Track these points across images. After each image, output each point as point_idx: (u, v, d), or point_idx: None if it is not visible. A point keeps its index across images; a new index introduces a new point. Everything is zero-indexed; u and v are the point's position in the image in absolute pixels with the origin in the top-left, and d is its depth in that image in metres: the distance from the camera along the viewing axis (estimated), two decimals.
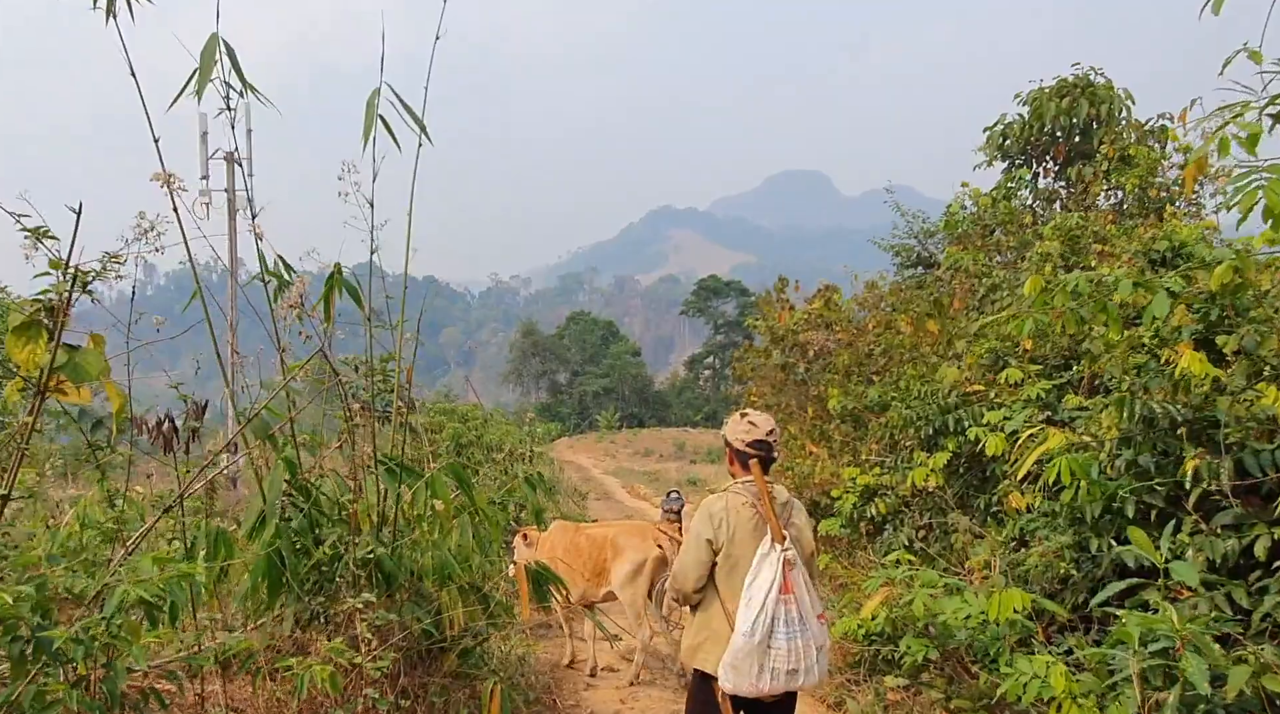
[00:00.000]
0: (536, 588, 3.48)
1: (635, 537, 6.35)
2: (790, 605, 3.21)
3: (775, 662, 3.19)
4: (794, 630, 3.21)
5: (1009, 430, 5.44)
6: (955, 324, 7.96)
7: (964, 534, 5.86)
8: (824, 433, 10.01)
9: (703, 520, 3.37)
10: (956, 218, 10.13)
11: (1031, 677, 3.42)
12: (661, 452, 44.11)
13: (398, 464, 3.27)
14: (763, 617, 3.16)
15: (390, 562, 3.13)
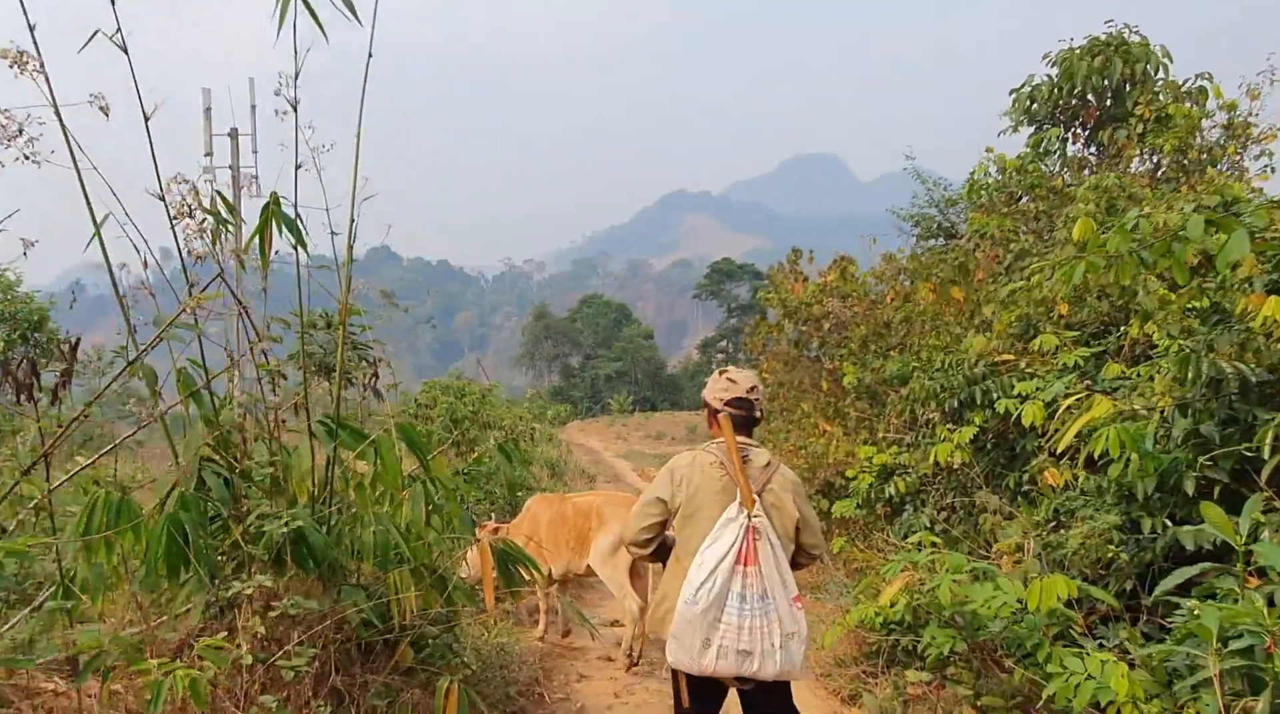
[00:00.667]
0: (504, 570, 3.01)
1: (621, 508, 5.91)
2: (751, 578, 2.87)
3: (724, 638, 2.85)
4: (751, 606, 2.86)
5: (1048, 399, 4.91)
6: (982, 290, 7.41)
7: (993, 515, 5.34)
8: (838, 410, 9.50)
9: (663, 476, 3.13)
10: (980, 184, 9.54)
11: (1084, 677, 2.92)
12: (673, 435, 43.63)
13: (338, 423, 2.80)
14: (710, 584, 2.84)
15: (318, 538, 2.67)
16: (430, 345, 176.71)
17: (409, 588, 2.74)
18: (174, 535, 2.44)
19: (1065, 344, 5.75)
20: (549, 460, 14.25)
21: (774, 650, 2.87)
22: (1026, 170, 9.55)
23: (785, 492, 3.11)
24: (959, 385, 6.19)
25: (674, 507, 3.03)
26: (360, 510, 2.77)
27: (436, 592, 2.88)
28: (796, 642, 2.98)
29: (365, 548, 2.73)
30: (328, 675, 2.70)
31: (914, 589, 5.18)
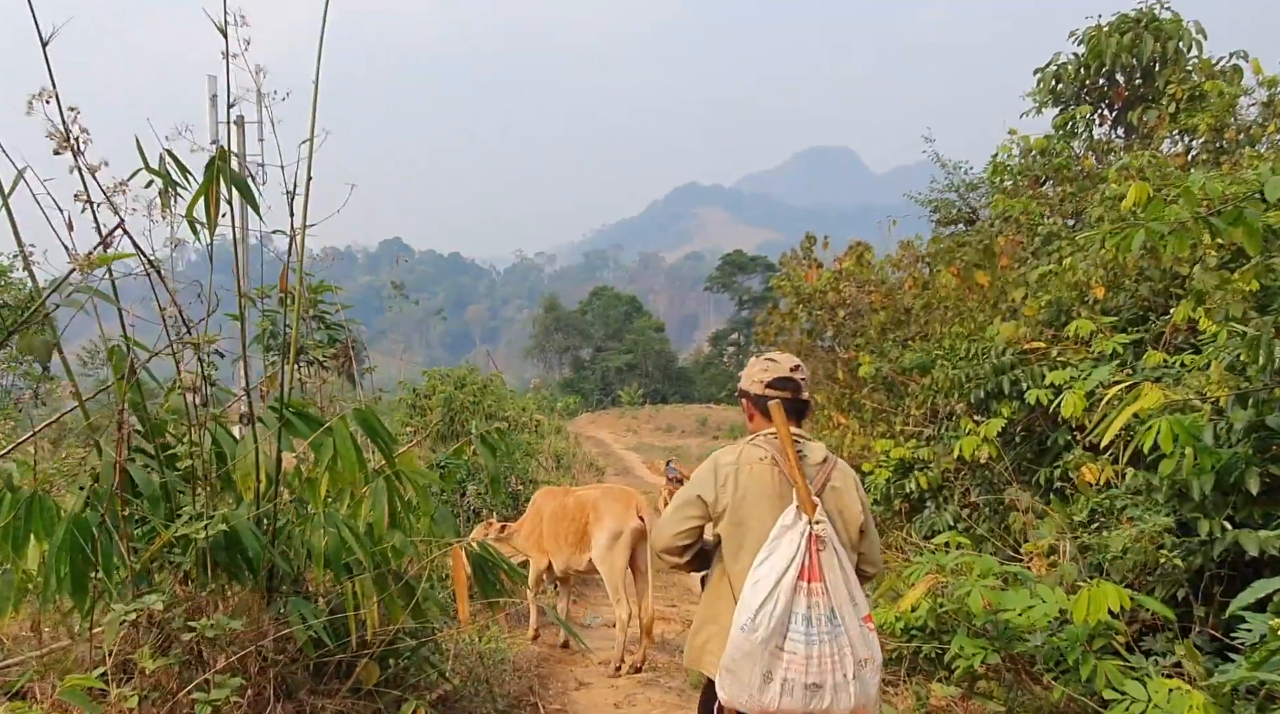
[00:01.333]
0: (482, 579, 2.63)
1: (617, 503, 5.57)
2: (816, 596, 2.37)
3: (790, 670, 2.34)
4: (819, 631, 2.36)
5: (1089, 388, 4.51)
6: (1007, 275, 7.00)
7: (1024, 513, 4.95)
8: (853, 402, 9.11)
9: (705, 473, 2.60)
10: (1003, 166, 9.10)
11: (1149, 705, 2.54)
12: (684, 427, 43.29)
13: (289, 409, 2.44)
14: (770, 606, 2.35)
15: (254, 542, 2.31)
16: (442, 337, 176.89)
17: (371, 598, 2.39)
18: (79, 545, 2.08)
19: (1102, 330, 5.35)
20: (557, 452, 13.91)
21: (847, 683, 2.37)
22: (1054, 151, 9.11)
23: (849, 491, 2.63)
24: (986, 375, 5.80)
25: (717, 511, 2.55)
26: (315, 510, 2.41)
27: (402, 602, 2.52)
28: (871, 670, 2.45)
29: (316, 553, 2.37)
30: (266, 702, 2.34)
31: (938, 593, 4.81)
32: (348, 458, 2.31)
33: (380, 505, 2.40)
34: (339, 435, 2.30)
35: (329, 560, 2.34)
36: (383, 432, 2.47)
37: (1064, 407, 4.51)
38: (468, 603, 2.44)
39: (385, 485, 2.43)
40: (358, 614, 2.45)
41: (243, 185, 2.56)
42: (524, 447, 9.10)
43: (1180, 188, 3.13)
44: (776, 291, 11.19)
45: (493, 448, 2.86)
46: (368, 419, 2.43)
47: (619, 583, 5.39)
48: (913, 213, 11.64)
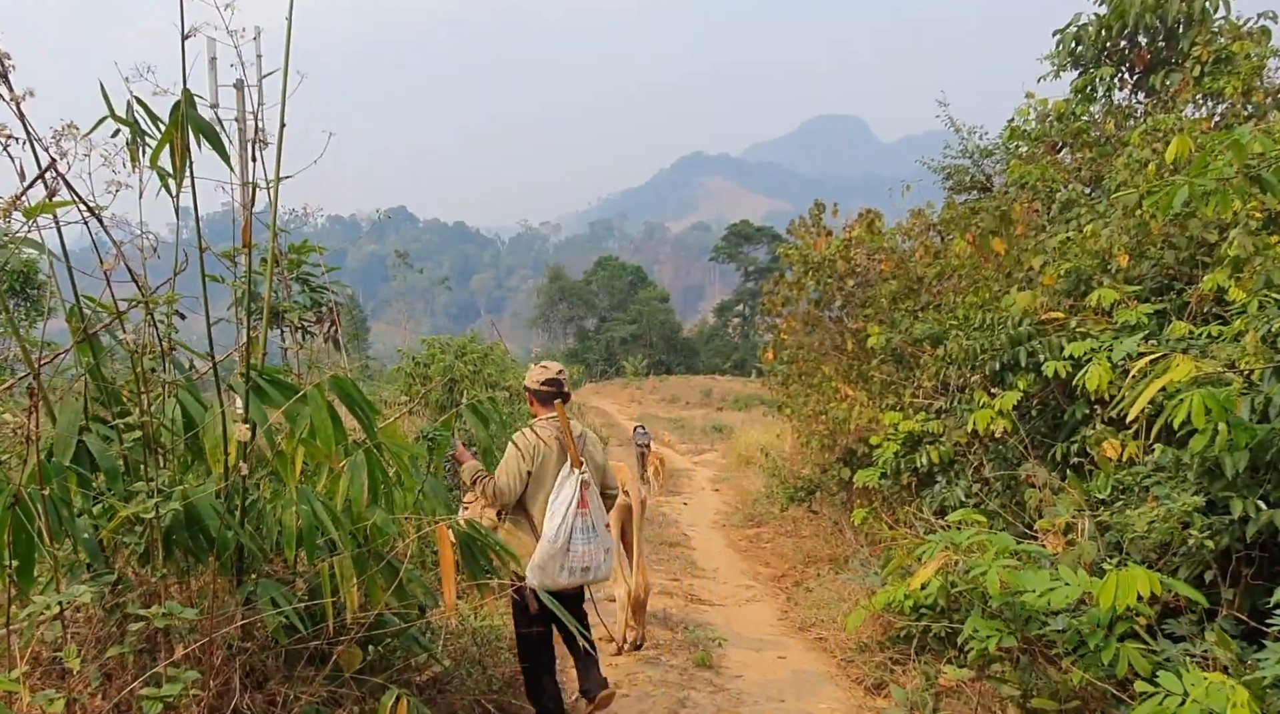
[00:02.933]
0: (470, 559, 2.45)
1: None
2: (586, 517, 3.93)
3: (573, 561, 3.89)
4: (589, 536, 3.94)
5: (1116, 358, 4.30)
6: (1023, 243, 6.76)
7: (1042, 489, 4.78)
8: (861, 373, 8.91)
9: (523, 449, 3.95)
10: (1020, 130, 8.80)
11: (1185, 699, 2.37)
12: (688, 399, 43.23)
13: (264, 376, 2.25)
14: (564, 526, 3.86)
15: (215, 521, 2.13)
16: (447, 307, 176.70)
17: (350, 580, 2.21)
18: (22, 524, 1.90)
19: (1125, 299, 5.13)
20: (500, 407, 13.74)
21: (602, 563, 4.06)
22: (1074, 114, 8.80)
23: (596, 451, 4.30)
24: (1002, 346, 5.59)
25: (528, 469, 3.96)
26: (287, 486, 2.21)
27: (384, 583, 2.34)
28: (610, 554, 4.17)
29: (287, 533, 2.19)
30: (232, 695, 2.17)
31: (950, 571, 4.66)
32: (323, 429, 2.11)
33: (358, 480, 2.20)
34: (313, 404, 2.10)
35: (302, 540, 2.16)
36: (362, 401, 2.27)
37: (1088, 379, 4.31)
38: (455, 584, 2.27)
39: (365, 459, 2.24)
40: (336, 597, 2.28)
41: (210, 133, 2.34)
42: (524, 417, 8.91)
43: (1227, 141, 2.90)
44: (784, 260, 10.94)
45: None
46: (345, 387, 2.22)
47: (613, 561, 5.23)
48: (924, 181, 11.33)
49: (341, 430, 2.23)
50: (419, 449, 2.50)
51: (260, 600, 2.20)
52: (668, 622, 5.98)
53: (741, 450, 19.40)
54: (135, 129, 2.59)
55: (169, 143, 2.29)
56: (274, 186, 2.41)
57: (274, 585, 2.26)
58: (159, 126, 2.55)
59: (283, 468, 2.13)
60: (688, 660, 4.90)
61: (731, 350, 65.63)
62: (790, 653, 5.60)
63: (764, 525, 11.40)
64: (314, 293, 3.72)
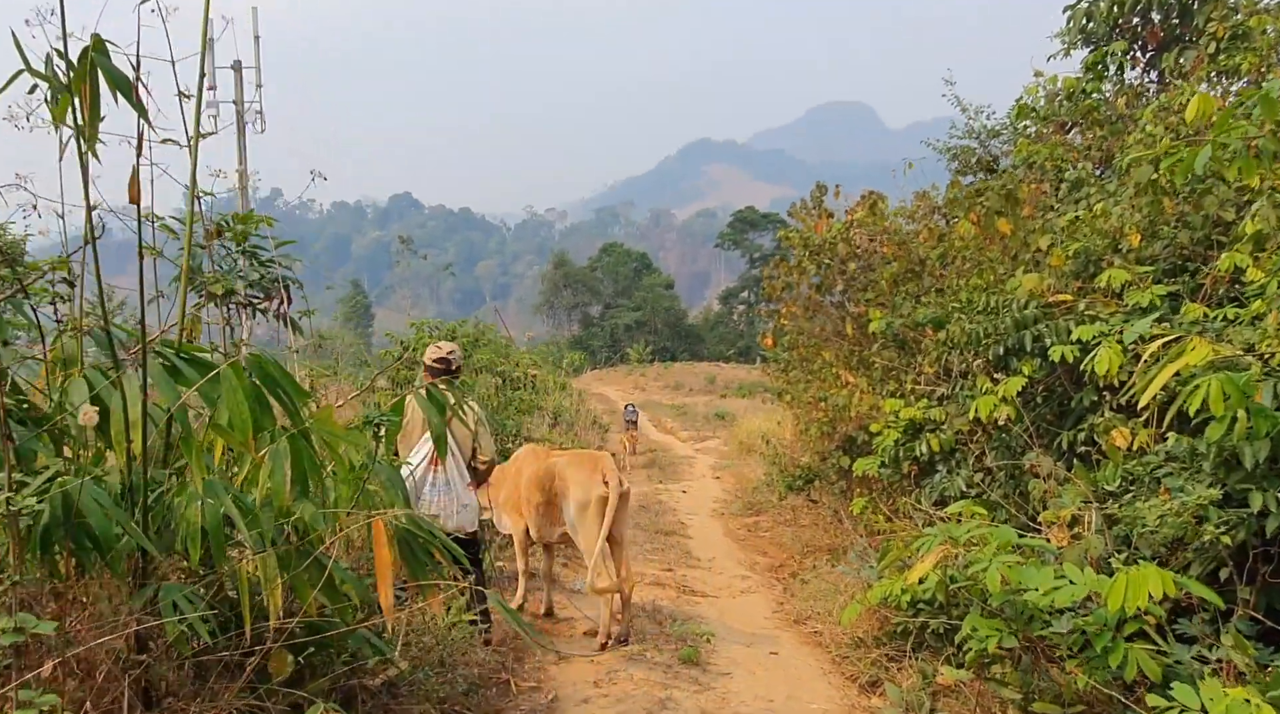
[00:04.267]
0: (410, 557, 2.22)
1: (582, 470, 5.19)
2: (438, 473, 4.70)
3: (422, 508, 4.53)
4: (439, 490, 4.70)
5: (1128, 341, 4.06)
6: (1030, 224, 6.49)
7: (1046, 480, 4.54)
8: (862, 359, 8.67)
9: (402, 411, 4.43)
10: (1028, 108, 8.51)
11: None
12: (692, 385, 42.98)
13: (182, 355, 2.01)
14: (414, 477, 4.62)
15: (100, 517, 1.90)
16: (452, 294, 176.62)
17: (273, 581, 1.99)
18: None
19: (1137, 281, 4.87)
20: (557, 410, 13.53)
21: (454, 514, 4.72)
22: (1085, 92, 8.50)
23: (467, 420, 4.66)
24: (1006, 329, 5.34)
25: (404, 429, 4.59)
26: (194, 476, 1.96)
27: (314, 583, 2.11)
28: (470, 511, 4.87)
29: (189, 530, 1.96)
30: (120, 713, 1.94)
31: (950, 565, 4.44)
32: (238, 413, 1.88)
33: (280, 471, 1.97)
34: (227, 385, 1.87)
35: (208, 538, 1.93)
36: (287, 382, 2.03)
37: (1097, 363, 4.06)
38: (391, 585, 2.04)
39: (288, 447, 2.01)
40: (257, 600, 2.06)
41: (124, 84, 2.11)
42: (517, 403, 8.73)
43: (1256, 97, 2.64)
44: (784, 244, 10.67)
45: (437, 403, 2.44)
46: (265, 367, 1.99)
47: (597, 555, 5.03)
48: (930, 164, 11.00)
49: (270, 416, 2.00)
50: (358, 437, 2.26)
51: (162, 605, 1.97)
52: (656, 615, 5.78)
53: (743, 438, 19.18)
54: (54, 83, 2.35)
55: (78, 94, 2.05)
56: (194, 143, 2.18)
57: (178, 589, 2.01)
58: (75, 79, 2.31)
59: (189, 456, 1.90)
60: (673, 657, 4.69)
61: (736, 337, 65.35)
62: (783, 648, 5.40)
63: (763, 514, 11.19)
64: (263, 267, 3.48)
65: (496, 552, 6.48)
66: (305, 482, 2.03)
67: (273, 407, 2.11)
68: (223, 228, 3.12)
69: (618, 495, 4.99)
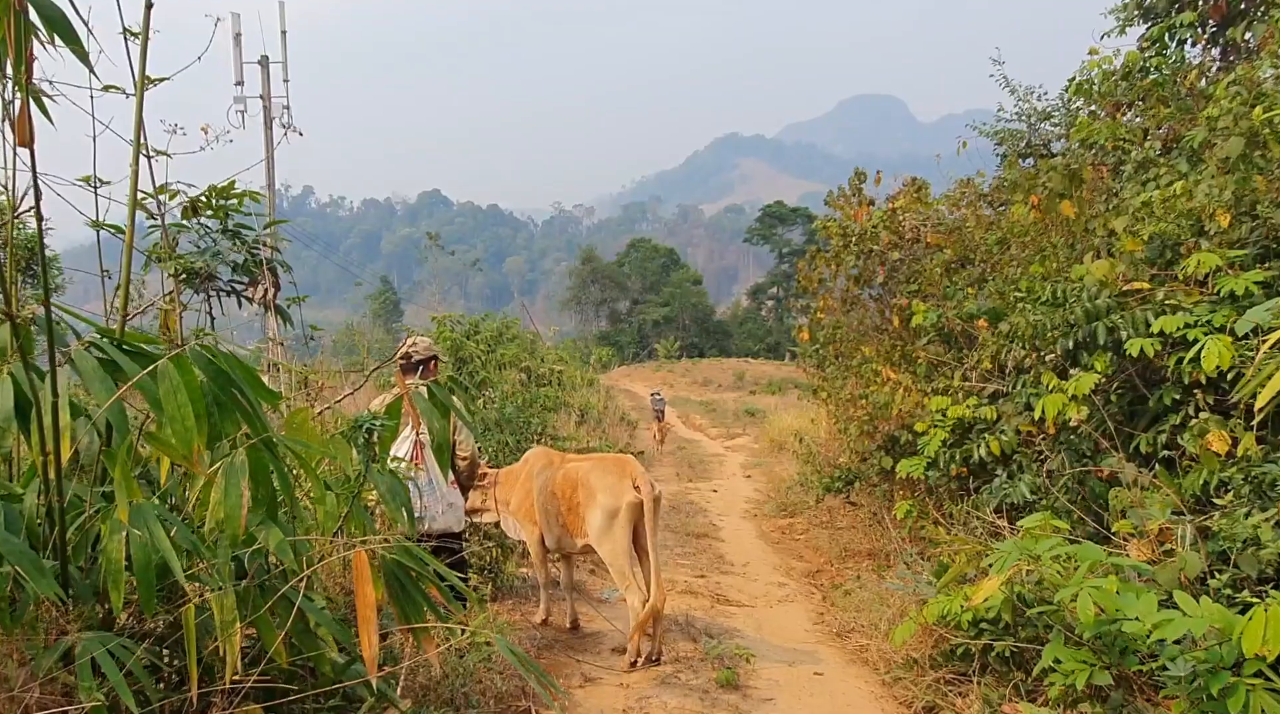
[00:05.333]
0: (400, 595, 1.82)
1: (609, 475, 4.76)
2: (419, 473, 4.41)
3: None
4: (423, 489, 4.42)
5: (1239, 332, 3.58)
6: (1093, 208, 5.99)
7: (1131, 487, 4.07)
8: (905, 354, 8.19)
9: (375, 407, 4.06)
10: (1088, 84, 7.96)
11: None
12: (720, 382, 42.51)
13: (118, 344, 1.64)
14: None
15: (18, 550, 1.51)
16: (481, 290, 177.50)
17: (231, 626, 1.60)
18: None
19: (1225, 266, 4.38)
20: (583, 407, 13.16)
21: (437, 515, 4.56)
22: (1146, 69, 7.94)
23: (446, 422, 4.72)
24: (1076, 321, 4.86)
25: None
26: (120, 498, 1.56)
27: (280, 625, 1.72)
28: (455, 510, 4.74)
29: (110, 567, 1.56)
30: None
31: (1018, 582, 3.99)
32: (179, 419, 1.48)
33: (235, 490, 1.58)
34: (165, 384, 1.48)
35: (137, 576, 1.54)
36: (247, 380, 1.63)
37: (1204, 358, 3.59)
38: (376, 630, 1.65)
39: (245, 462, 1.61)
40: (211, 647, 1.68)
41: (60, 23, 1.74)
42: (540, 399, 8.34)
43: None
44: (821, 233, 10.18)
45: (440, 404, 2.05)
46: (216, 360, 1.60)
47: (625, 567, 4.62)
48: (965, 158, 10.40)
49: (234, 422, 1.62)
50: (335, 447, 1.86)
51: (79, 665, 1.58)
52: (690, 629, 5.37)
53: (774, 435, 18.72)
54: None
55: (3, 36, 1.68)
56: (139, 92, 1.80)
57: (100, 642, 1.60)
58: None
59: (114, 471, 1.51)
60: (710, 680, 4.28)
61: (765, 333, 64.77)
62: (828, 668, 4.97)
63: (797, 515, 10.74)
64: (248, 249, 3.11)
65: (518, 559, 6.11)
66: (273, 503, 1.65)
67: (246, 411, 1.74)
68: (199, 204, 2.76)
69: (653, 501, 4.59)
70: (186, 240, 2.88)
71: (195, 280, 2.86)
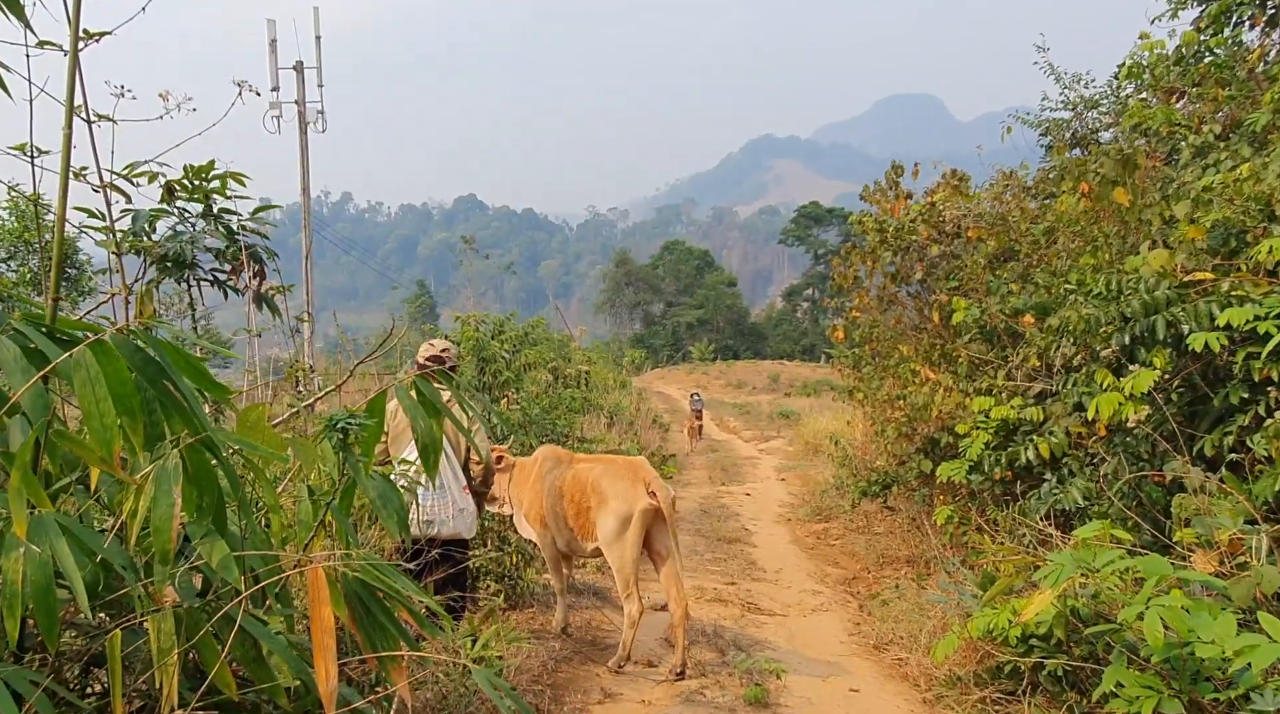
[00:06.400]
0: (364, 619, 1.57)
1: (621, 480, 4.52)
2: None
3: (418, 514, 4.30)
4: (435, 494, 4.39)
5: None
6: (1148, 196, 5.62)
7: (1197, 493, 3.74)
8: (945, 353, 7.85)
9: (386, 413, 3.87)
10: (1140, 67, 7.55)
11: None
12: (755, 384, 42.08)
13: (48, 331, 1.43)
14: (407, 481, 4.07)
15: None
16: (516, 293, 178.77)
17: (169, 654, 1.38)
18: None
19: None
20: (612, 409, 12.94)
21: (449, 520, 4.44)
22: (1200, 52, 7.52)
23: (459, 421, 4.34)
24: (1133, 314, 4.52)
25: (386, 430, 4.18)
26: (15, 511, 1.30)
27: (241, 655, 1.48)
28: (466, 516, 4.56)
29: (8, 589, 1.31)
30: None
31: (1071, 595, 3.69)
32: (98, 416, 1.25)
33: (165, 498, 1.35)
34: (80, 374, 1.26)
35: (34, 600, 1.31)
36: (187, 371, 1.40)
37: None
38: (334, 659, 1.41)
39: (178, 466, 1.37)
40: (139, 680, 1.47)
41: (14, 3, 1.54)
42: (566, 401, 8.13)
43: None
44: (856, 231, 9.85)
45: (427, 403, 1.82)
46: (144, 347, 1.36)
47: (630, 575, 4.41)
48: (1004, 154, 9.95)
49: (179, 421, 1.39)
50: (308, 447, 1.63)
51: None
52: (718, 640, 5.10)
53: (809, 438, 18.35)
54: None
55: None
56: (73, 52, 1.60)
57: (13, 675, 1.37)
58: None
59: (18, 476, 1.29)
60: (738, 698, 4.01)
61: (800, 335, 64.17)
62: (864, 683, 4.68)
63: (832, 520, 10.41)
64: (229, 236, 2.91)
65: (539, 566, 5.89)
66: (220, 512, 1.43)
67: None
68: (175, 187, 2.58)
69: (669, 507, 4.35)
70: (165, 226, 2.71)
71: (171, 268, 2.69)
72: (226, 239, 2.84)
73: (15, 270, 10.07)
